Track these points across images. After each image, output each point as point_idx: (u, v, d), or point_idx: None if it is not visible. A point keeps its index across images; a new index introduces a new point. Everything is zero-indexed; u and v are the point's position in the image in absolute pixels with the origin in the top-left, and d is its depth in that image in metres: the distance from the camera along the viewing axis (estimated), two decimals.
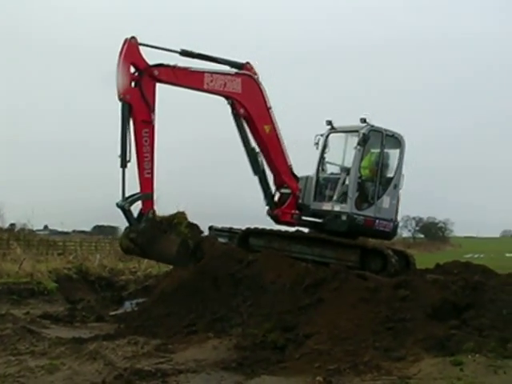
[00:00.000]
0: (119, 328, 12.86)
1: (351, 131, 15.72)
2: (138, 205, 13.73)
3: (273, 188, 15.97)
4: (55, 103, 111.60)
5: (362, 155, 15.22)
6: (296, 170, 16.23)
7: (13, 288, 16.34)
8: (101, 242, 42.86)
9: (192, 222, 14.45)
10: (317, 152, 16.02)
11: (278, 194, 16.03)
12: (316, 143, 16.07)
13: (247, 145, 15.32)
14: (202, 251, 14.05)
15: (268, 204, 15.89)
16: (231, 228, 16.94)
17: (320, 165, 16.04)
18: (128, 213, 13.37)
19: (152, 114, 13.33)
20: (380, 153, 15.39)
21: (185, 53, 14.23)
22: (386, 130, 15.45)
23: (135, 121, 13.17)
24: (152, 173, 13.45)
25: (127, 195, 13.38)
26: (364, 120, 15.03)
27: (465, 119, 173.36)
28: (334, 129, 15.94)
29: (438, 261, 15.85)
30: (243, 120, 15.15)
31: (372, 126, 15.16)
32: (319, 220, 15.61)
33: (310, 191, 15.90)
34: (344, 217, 14.99)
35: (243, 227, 16.37)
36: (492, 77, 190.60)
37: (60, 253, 27.29)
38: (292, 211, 15.79)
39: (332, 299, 12.08)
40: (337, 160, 16.04)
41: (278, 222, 15.94)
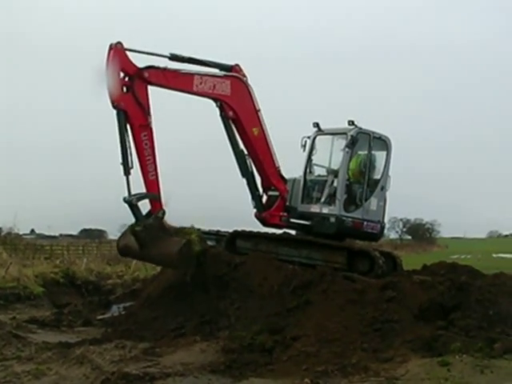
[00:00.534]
0: (106, 332, 12.82)
1: (339, 133, 15.75)
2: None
3: (261, 190, 15.93)
4: (40, 105, 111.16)
5: (350, 157, 15.27)
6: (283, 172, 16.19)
7: None
8: (88, 246, 42.74)
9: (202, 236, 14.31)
10: (304, 154, 16.07)
11: (266, 197, 16.00)
12: (303, 145, 16.09)
13: (235, 147, 15.21)
14: (206, 260, 13.86)
15: (256, 206, 15.77)
16: (218, 231, 16.90)
17: (307, 167, 16.08)
18: (135, 208, 13.03)
19: (148, 117, 13.16)
20: (367, 155, 15.45)
21: (174, 57, 14.07)
22: (374, 133, 15.50)
23: (132, 126, 12.99)
24: (156, 174, 13.29)
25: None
26: (352, 122, 15.06)
27: (454, 123, 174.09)
28: (321, 131, 15.96)
29: (425, 262, 15.94)
30: (231, 122, 15.05)
31: (360, 129, 15.21)
32: (307, 222, 15.62)
33: (298, 193, 15.90)
34: (332, 219, 15.01)
35: (230, 230, 16.36)
36: (480, 85, 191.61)
37: (47, 257, 27.16)
38: (280, 213, 15.75)
39: (319, 301, 12.09)
40: (324, 162, 16.04)
41: (266, 225, 15.89)
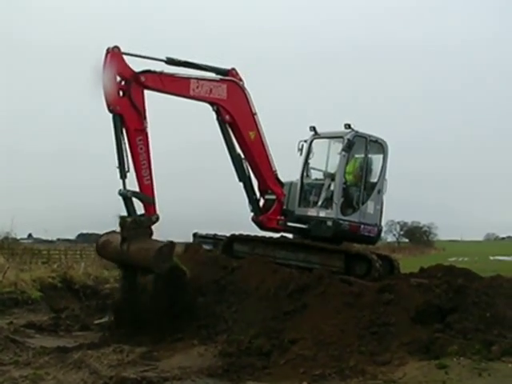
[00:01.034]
0: (104, 336, 12.80)
1: (335, 137, 15.81)
2: None
3: (258, 194, 15.93)
4: (38, 109, 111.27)
5: (347, 161, 15.30)
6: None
7: None
8: (85, 250, 42.56)
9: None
10: (300, 158, 16.11)
11: (263, 200, 16.01)
12: (300, 149, 16.15)
13: (232, 151, 15.20)
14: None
15: (253, 210, 15.79)
16: (215, 235, 16.93)
17: (304, 170, 16.12)
18: (129, 201, 12.87)
19: (144, 122, 13.09)
20: (364, 158, 15.49)
21: (171, 61, 14.01)
22: (370, 136, 15.55)
23: (128, 130, 12.90)
24: (151, 179, 13.15)
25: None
26: (348, 126, 15.11)
27: (451, 126, 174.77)
28: (318, 135, 16.03)
29: (423, 265, 15.94)
30: (228, 126, 15.04)
31: (356, 132, 15.26)
32: (304, 226, 15.65)
33: (295, 197, 15.95)
34: (329, 222, 15.05)
35: (228, 234, 16.37)
36: (478, 86, 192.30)
37: (44, 261, 27.05)
38: (277, 217, 15.77)
39: (316, 304, 12.09)
40: (321, 166, 16.10)
41: (263, 229, 15.91)
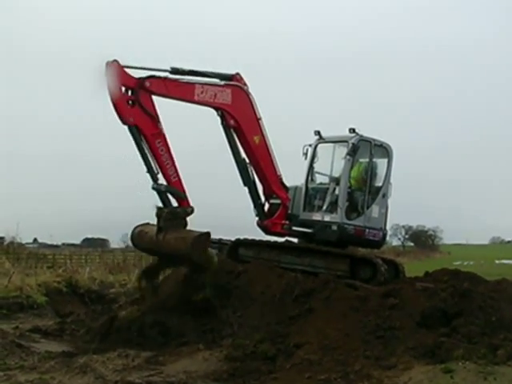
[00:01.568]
0: (109, 341, 12.79)
1: (340, 141, 15.82)
2: None
3: (262, 198, 15.94)
4: (40, 115, 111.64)
5: (352, 165, 15.31)
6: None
7: (1, 302, 16.18)
8: (90, 255, 42.76)
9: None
10: (305, 162, 16.13)
11: (268, 205, 16.00)
12: (304, 153, 16.20)
13: (237, 156, 15.20)
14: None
15: (258, 215, 15.77)
16: (221, 239, 16.90)
17: (309, 175, 16.13)
18: (164, 194, 13.30)
19: (159, 125, 13.30)
20: (369, 162, 15.50)
21: (175, 70, 14.07)
22: (375, 140, 15.56)
23: (146, 137, 13.11)
24: (178, 176, 13.41)
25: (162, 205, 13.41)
26: (353, 130, 15.14)
27: (455, 129, 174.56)
28: (323, 139, 16.04)
29: (428, 269, 15.93)
30: (233, 131, 15.04)
31: (361, 136, 15.28)
32: (309, 230, 15.65)
33: (300, 201, 15.96)
34: (334, 226, 15.06)
35: (233, 238, 16.37)
36: (482, 90, 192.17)
37: (50, 266, 27.12)
38: (282, 221, 15.77)
39: (322, 309, 12.08)
40: (325, 170, 16.10)
41: (268, 233, 15.91)
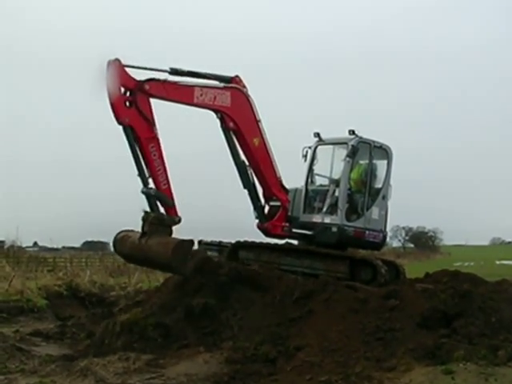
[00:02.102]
0: (109, 344, 12.79)
1: (339, 143, 15.85)
2: None
3: (262, 201, 15.93)
4: (40, 117, 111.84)
5: (351, 167, 15.33)
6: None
7: (2, 306, 16.20)
8: (91, 258, 42.72)
9: None
10: (305, 164, 16.15)
11: (268, 207, 15.98)
12: (304, 155, 16.21)
13: (236, 158, 15.21)
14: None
15: (258, 217, 15.77)
16: (221, 242, 16.91)
17: (309, 177, 16.15)
18: (153, 198, 13.20)
19: (154, 129, 13.29)
20: (368, 164, 15.51)
21: (174, 71, 14.09)
22: (374, 142, 15.59)
23: (140, 140, 13.09)
24: (168, 183, 13.36)
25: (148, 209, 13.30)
26: (353, 132, 15.17)
27: (455, 131, 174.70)
28: (322, 141, 16.06)
29: (428, 270, 15.91)
30: (232, 133, 15.05)
31: (361, 138, 15.31)
32: (309, 232, 15.67)
33: (300, 203, 15.98)
34: (334, 228, 15.07)
35: (233, 240, 16.37)
36: (479, 91, 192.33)
37: (50, 269, 27.13)
38: (282, 224, 15.77)
39: (322, 311, 12.08)
40: (325, 172, 16.12)
41: (268, 235, 15.90)
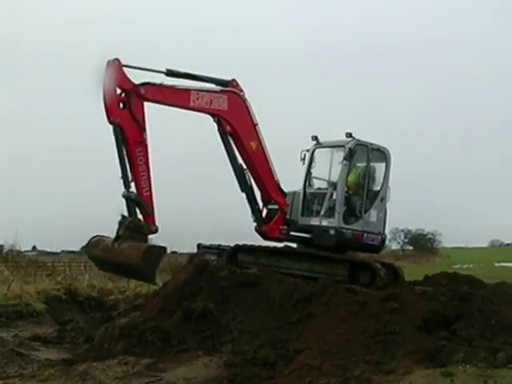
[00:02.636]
0: (109, 348, 12.77)
1: (337, 146, 15.82)
2: None
3: (260, 204, 15.94)
4: (39, 119, 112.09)
5: (349, 169, 15.33)
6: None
7: (1, 310, 16.15)
8: (90, 262, 42.53)
9: None
10: (303, 167, 16.15)
11: (266, 210, 16.03)
12: (302, 159, 16.20)
13: (234, 162, 15.25)
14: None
15: (256, 220, 15.82)
16: (220, 245, 16.92)
17: (307, 180, 16.14)
18: (131, 203, 13.05)
19: (144, 133, 13.23)
20: (366, 167, 15.51)
21: (170, 73, 14.09)
22: (372, 144, 15.59)
23: (128, 142, 13.07)
24: (151, 191, 13.32)
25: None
26: (350, 134, 15.14)
27: (455, 131, 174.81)
28: (320, 144, 16.06)
29: (427, 272, 15.93)
30: (229, 137, 15.09)
31: (358, 141, 15.29)
32: (307, 235, 15.68)
33: (298, 206, 15.96)
34: (332, 231, 15.06)
35: (232, 244, 16.36)
36: (479, 85, 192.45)
37: (49, 274, 27.08)
38: (280, 227, 15.80)
39: (321, 314, 12.10)
40: (323, 175, 16.08)
41: (267, 238, 15.93)
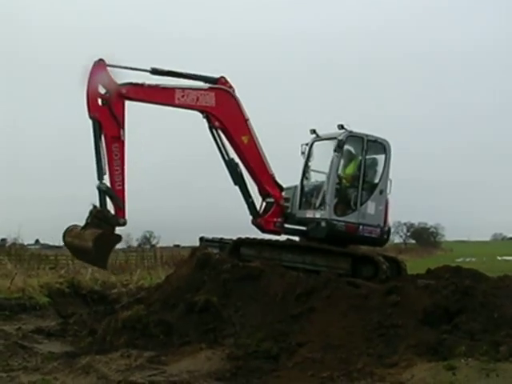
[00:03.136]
0: (111, 341, 12.81)
1: (331, 138, 15.77)
2: None
3: (259, 198, 16.06)
4: (39, 119, 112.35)
5: (339, 161, 15.32)
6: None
7: (4, 303, 16.22)
8: None
9: None
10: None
11: (264, 204, 16.13)
12: (303, 152, 16.25)
13: (225, 156, 15.42)
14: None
15: (251, 213, 15.94)
16: (222, 238, 16.93)
17: (305, 173, 16.20)
18: (103, 195, 13.49)
19: (121, 130, 13.61)
20: (361, 158, 15.47)
21: (155, 71, 14.43)
22: (368, 136, 15.49)
23: (105, 137, 13.53)
24: (123, 185, 13.68)
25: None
26: (341, 126, 15.10)
27: (455, 125, 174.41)
28: (319, 137, 16.08)
29: (430, 266, 15.95)
30: (220, 131, 15.26)
31: (350, 132, 15.24)
32: (303, 228, 15.83)
33: (296, 200, 16.06)
34: (323, 223, 15.08)
35: (234, 237, 16.39)
36: (479, 94, 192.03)
37: (52, 267, 27.09)
38: (274, 219, 15.90)
39: (323, 307, 12.11)
40: (321, 167, 16.07)
41: (263, 231, 16.06)
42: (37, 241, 56.75)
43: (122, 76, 13.82)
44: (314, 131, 15.99)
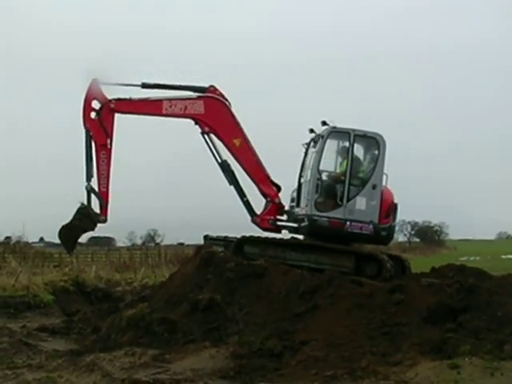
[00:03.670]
0: (116, 339, 12.83)
1: (320, 135, 15.69)
2: None
3: (256, 197, 16.45)
4: (40, 119, 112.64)
5: (320, 157, 15.22)
6: None
7: (9, 301, 16.32)
8: (97, 254, 42.90)
9: None
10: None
11: (265, 202, 16.44)
12: (304, 152, 16.39)
13: (217, 158, 16.12)
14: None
15: (248, 212, 16.31)
16: (226, 236, 16.95)
17: (301, 171, 16.39)
18: (89, 195, 15.43)
19: (109, 141, 15.44)
20: (348, 153, 15.25)
21: (145, 85, 15.77)
22: (355, 130, 15.21)
23: (95, 144, 15.42)
24: (107, 188, 15.47)
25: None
26: (324, 122, 15.06)
27: (459, 124, 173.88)
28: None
29: (434, 264, 15.83)
30: (212, 135, 16.03)
31: (333, 128, 15.14)
32: (294, 224, 16.07)
33: (294, 198, 16.40)
34: (306, 219, 15.17)
35: (238, 235, 16.40)
36: (484, 91, 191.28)
37: (56, 265, 27.23)
38: (268, 217, 16.18)
39: (327, 306, 12.10)
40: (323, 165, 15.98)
41: (261, 229, 16.31)
42: (41, 239, 57.04)
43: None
44: (312, 130, 15.97)
